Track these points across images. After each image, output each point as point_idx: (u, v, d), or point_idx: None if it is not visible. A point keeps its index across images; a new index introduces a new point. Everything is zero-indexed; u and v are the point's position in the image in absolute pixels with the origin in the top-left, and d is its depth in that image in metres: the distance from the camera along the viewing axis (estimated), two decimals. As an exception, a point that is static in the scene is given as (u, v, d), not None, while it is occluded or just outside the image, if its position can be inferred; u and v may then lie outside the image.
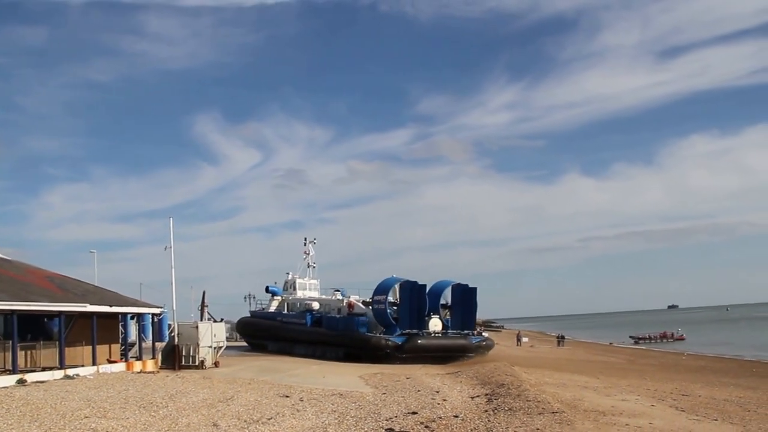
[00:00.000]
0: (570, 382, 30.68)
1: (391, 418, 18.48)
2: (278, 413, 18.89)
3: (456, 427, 16.85)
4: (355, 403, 21.88)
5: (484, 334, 50.29)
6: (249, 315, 63.04)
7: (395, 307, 47.01)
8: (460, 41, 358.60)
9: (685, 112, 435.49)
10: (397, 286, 47.06)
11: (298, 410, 19.78)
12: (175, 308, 37.95)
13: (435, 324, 45.46)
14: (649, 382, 33.49)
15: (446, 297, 48.40)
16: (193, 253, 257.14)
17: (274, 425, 16.96)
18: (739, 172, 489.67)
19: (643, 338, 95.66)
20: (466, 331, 46.44)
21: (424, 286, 46.39)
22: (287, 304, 57.40)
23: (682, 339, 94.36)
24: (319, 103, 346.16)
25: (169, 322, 38.77)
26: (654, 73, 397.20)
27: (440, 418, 18.56)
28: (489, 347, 47.29)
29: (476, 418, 18.52)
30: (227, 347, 41.39)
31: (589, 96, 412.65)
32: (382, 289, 46.77)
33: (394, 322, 45.25)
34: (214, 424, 16.70)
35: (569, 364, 45.95)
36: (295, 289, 58.31)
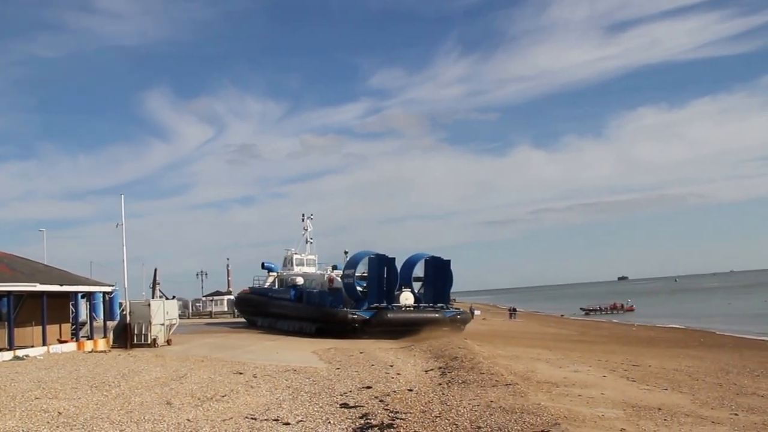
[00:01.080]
0: (523, 355, 31.16)
1: (345, 393, 18.66)
2: (232, 390, 18.95)
3: (410, 401, 17.06)
4: (309, 378, 22.02)
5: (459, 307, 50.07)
6: (248, 291, 63.63)
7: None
8: (411, 16, 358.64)
9: (633, 86, 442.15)
10: (366, 260, 46.49)
11: (252, 387, 19.85)
12: (126, 286, 37.69)
13: (406, 298, 45.49)
14: (600, 353, 34.11)
15: (421, 270, 47.82)
16: (144, 231, 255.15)
17: (228, 402, 17.01)
18: (686, 144, 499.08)
19: (594, 310, 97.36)
20: (439, 305, 46.05)
21: (393, 259, 45.95)
22: (278, 280, 57.92)
23: (632, 310, 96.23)
24: (272, 77, 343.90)
25: (121, 301, 38.52)
26: (602, 48, 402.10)
27: (394, 392, 18.79)
28: (464, 321, 46.98)
29: (430, 391, 18.78)
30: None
31: (540, 70, 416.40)
32: (352, 263, 46.81)
33: (362, 296, 45.01)
34: (168, 403, 16.71)
35: (522, 336, 46.69)
36: (292, 264, 58.13)
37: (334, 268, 54.01)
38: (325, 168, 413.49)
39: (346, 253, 58.03)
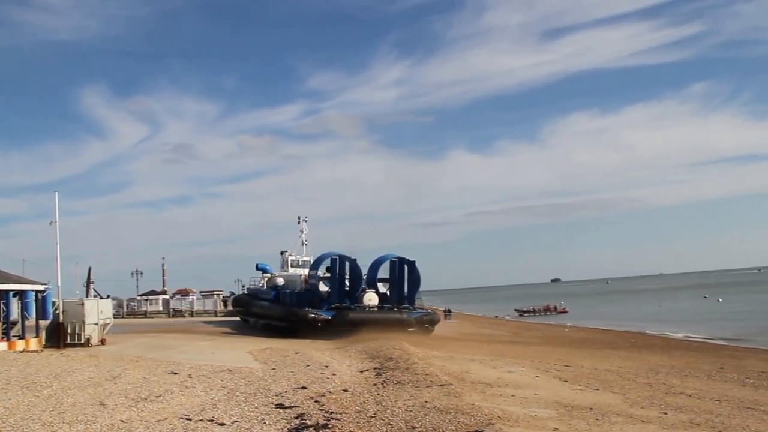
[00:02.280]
0: (457, 355, 31.48)
1: (280, 394, 18.61)
2: (167, 390, 18.73)
3: (346, 401, 17.10)
4: (244, 378, 21.88)
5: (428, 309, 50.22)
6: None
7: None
8: (349, 18, 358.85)
9: (567, 92, 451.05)
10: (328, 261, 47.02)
11: (186, 387, 19.65)
12: (59, 285, 36.82)
13: (369, 298, 45.77)
14: (534, 354, 34.66)
15: (386, 271, 48.19)
16: (79, 229, 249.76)
17: (163, 403, 16.82)
18: (619, 150, 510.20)
19: (528, 311, 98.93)
20: (404, 306, 46.30)
21: (355, 260, 46.71)
22: (265, 281, 58.61)
23: (565, 312, 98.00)
24: (208, 77, 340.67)
25: (54, 299, 37.64)
26: (537, 53, 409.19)
27: (330, 392, 18.80)
28: (431, 321, 46.99)
29: (365, 391, 18.85)
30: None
31: (475, 74, 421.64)
32: (316, 263, 47.96)
33: (326, 296, 45.66)
34: (101, 403, 16.44)
35: (456, 337, 47.08)
36: (288, 266, 58.41)
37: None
38: (262, 169, 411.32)
39: (282, 253, 58.20)
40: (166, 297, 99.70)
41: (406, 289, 47.46)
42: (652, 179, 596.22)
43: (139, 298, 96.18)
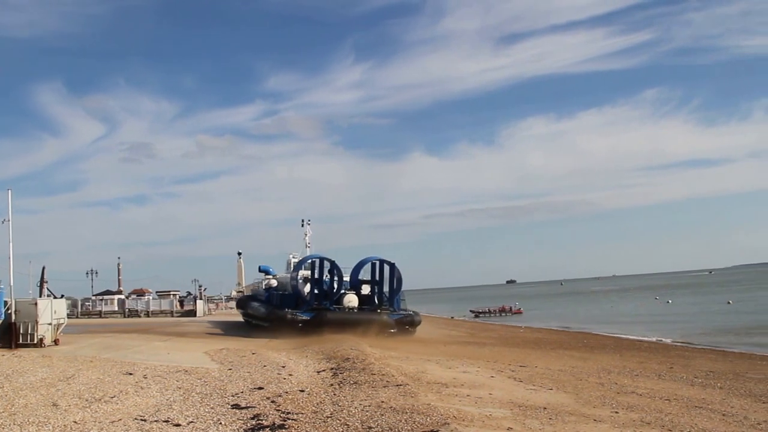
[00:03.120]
0: (413, 356, 31.63)
1: (237, 394, 18.59)
2: (121, 391, 18.59)
3: (302, 402, 17.15)
4: (200, 379, 21.80)
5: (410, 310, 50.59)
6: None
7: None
8: (308, 20, 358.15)
9: (523, 96, 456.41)
10: (308, 263, 48.13)
11: (142, 388, 19.52)
12: (12, 284, 36.20)
13: (349, 300, 46.54)
14: (489, 355, 34.96)
15: (368, 273, 48.86)
16: (33, 227, 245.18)
17: (117, 403, 16.70)
18: (573, 154, 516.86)
19: (483, 312, 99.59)
20: (385, 307, 47.05)
21: (333, 261, 47.57)
22: (264, 283, 59.28)
23: (520, 312, 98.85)
24: (166, 76, 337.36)
25: (6, 299, 36.97)
26: (494, 58, 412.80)
27: (286, 393, 18.83)
28: (412, 323, 47.56)
29: (322, 392, 18.91)
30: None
31: (433, 78, 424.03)
32: (297, 266, 48.91)
33: (306, 297, 46.52)
34: (54, 404, 16.27)
35: (412, 337, 47.22)
36: (291, 268, 58.28)
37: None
38: (220, 169, 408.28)
39: (239, 253, 58.25)
40: (122, 297, 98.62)
41: (387, 291, 48.23)
42: (606, 183, 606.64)
43: (94, 297, 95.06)
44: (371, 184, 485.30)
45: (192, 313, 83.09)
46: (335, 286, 47.44)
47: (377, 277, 48.20)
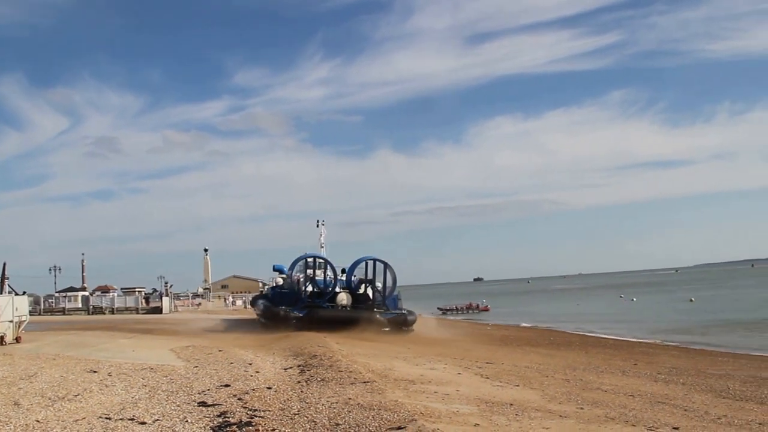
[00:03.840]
0: (380, 353, 31.63)
1: (203, 392, 18.45)
2: (85, 389, 18.36)
3: (269, 399, 17.07)
4: (166, 377, 21.58)
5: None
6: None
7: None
8: (276, 16, 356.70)
9: (491, 95, 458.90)
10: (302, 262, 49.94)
11: (106, 386, 19.28)
12: (-28, 281, 35.66)
13: (342, 298, 47.99)
14: (456, 352, 35.08)
15: (363, 272, 50.12)
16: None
17: (81, 402, 16.49)
18: (541, 153, 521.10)
19: (450, 309, 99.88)
20: (379, 306, 48.28)
21: (327, 260, 49.86)
22: (273, 282, 60.97)
23: (487, 310, 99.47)
24: (131, 70, 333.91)
25: (-35, 296, 36.37)
26: (463, 57, 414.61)
27: (253, 390, 18.72)
28: (405, 322, 48.40)
29: (289, 389, 18.84)
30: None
31: (402, 75, 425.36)
32: (293, 264, 50.80)
33: (301, 295, 48.25)
34: (15, 403, 16.02)
35: (380, 334, 47.27)
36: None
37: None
38: (187, 164, 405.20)
39: (206, 250, 58.21)
40: (86, 294, 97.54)
41: (381, 290, 49.24)
42: (572, 182, 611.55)
43: (57, 294, 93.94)
44: (338, 181, 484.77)
45: (158, 310, 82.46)
46: (329, 284, 48.79)
47: (372, 276, 49.30)
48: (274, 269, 62.14)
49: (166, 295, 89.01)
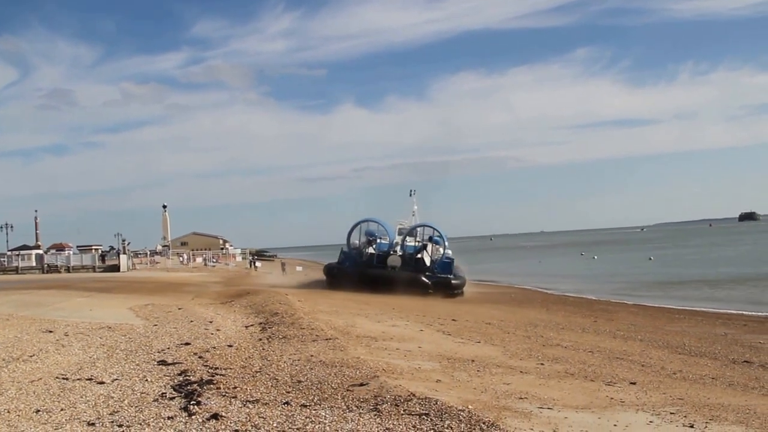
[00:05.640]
0: (343, 310, 31.60)
1: (163, 350, 18.20)
2: (41, 349, 18.01)
3: (230, 357, 16.90)
4: (124, 335, 21.28)
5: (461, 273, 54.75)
6: None
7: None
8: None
9: (455, 50, 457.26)
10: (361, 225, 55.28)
11: (63, 345, 18.95)
12: None
13: (393, 260, 51.42)
14: (418, 308, 35.22)
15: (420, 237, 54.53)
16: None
17: (37, 362, 16.17)
18: (505, 110, 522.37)
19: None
20: (428, 269, 51.12)
21: (383, 223, 55.94)
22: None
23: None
24: (84, 19, 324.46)
25: None
26: (427, 11, 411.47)
27: (214, 348, 18.52)
28: (447, 285, 50.03)
29: (250, 347, 18.68)
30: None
31: (365, 29, 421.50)
32: (352, 229, 55.17)
33: (362, 257, 52.94)
34: (-31, 363, 15.68)
35: (342, 291, 47.28)
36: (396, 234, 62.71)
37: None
38: (145, 118, 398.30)
39: (164, 206, 58.13)
40: (40, 252, 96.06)
41: (432, 255, 52.89)
42: (536, 139, 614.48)
43: (9, 253, 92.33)
44: (301, 135, 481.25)
45: (115, 268, 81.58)
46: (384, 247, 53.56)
47: (423, 242, 53.29)
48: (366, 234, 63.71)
49: (124, 253, 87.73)
